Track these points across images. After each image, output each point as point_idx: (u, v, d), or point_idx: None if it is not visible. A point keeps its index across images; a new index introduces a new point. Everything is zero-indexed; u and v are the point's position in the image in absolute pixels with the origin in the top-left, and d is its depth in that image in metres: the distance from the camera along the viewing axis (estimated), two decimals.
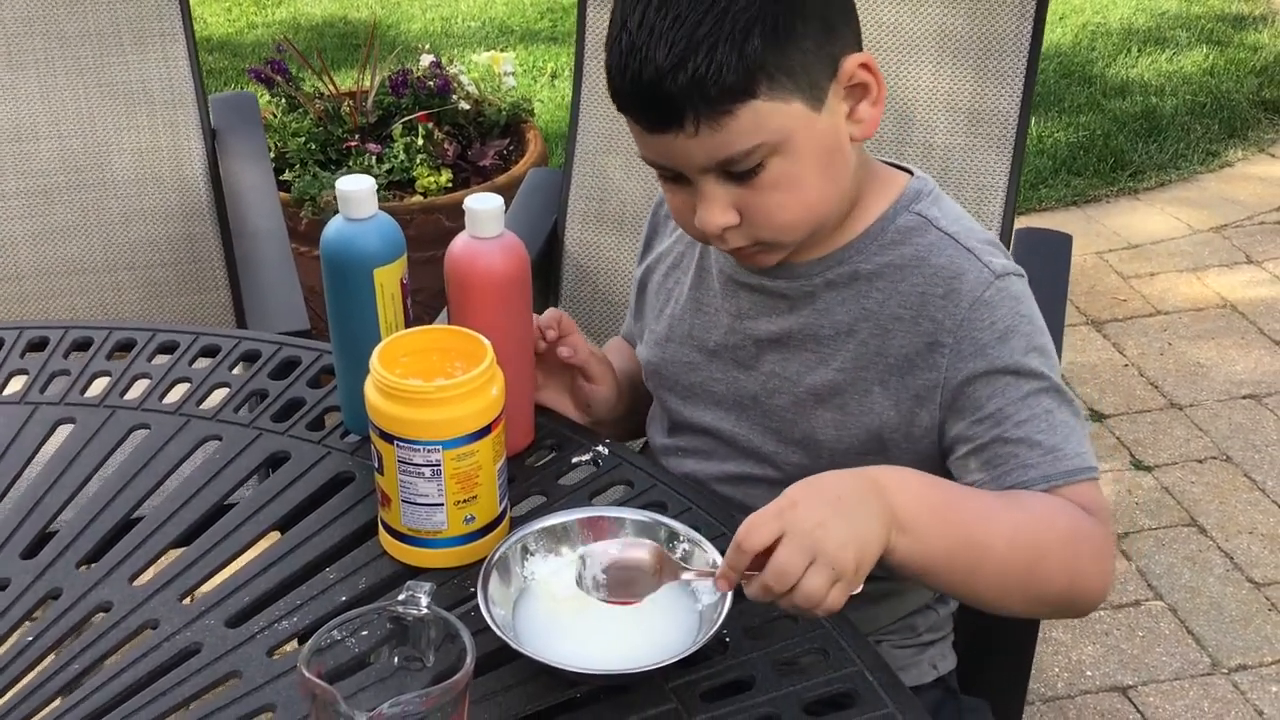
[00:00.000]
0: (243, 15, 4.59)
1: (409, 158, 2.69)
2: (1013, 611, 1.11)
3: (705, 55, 1.00)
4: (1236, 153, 3.64)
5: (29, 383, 1.34)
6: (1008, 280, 1.11)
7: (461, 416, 1.04)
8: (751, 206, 1.07)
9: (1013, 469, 1.07)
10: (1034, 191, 3.42)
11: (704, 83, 1.00)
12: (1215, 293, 3.05)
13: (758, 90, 1.02)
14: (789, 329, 1.17)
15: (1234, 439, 2.58)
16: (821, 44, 1.05)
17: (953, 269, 1.11)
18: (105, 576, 1.10)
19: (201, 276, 2.03)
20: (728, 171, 1.06)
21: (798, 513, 0.93)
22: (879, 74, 1.09)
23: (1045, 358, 1.10)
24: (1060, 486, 1.06)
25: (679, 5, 1.01)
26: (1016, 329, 1.09)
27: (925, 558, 0.99)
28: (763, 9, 1.01)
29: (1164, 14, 4.46)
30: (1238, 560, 2.29)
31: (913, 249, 1.13)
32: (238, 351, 1.38)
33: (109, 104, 1.99)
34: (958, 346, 1.09)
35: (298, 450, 1.23)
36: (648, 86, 1.02)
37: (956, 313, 1.09)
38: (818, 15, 1.05)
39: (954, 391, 1.10)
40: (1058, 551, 1.04)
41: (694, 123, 1.02)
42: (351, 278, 1.17)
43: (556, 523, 1.07)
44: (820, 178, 1.08)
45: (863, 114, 1.09)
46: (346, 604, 1.05)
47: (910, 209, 1.15)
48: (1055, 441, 1.07)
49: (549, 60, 4.15)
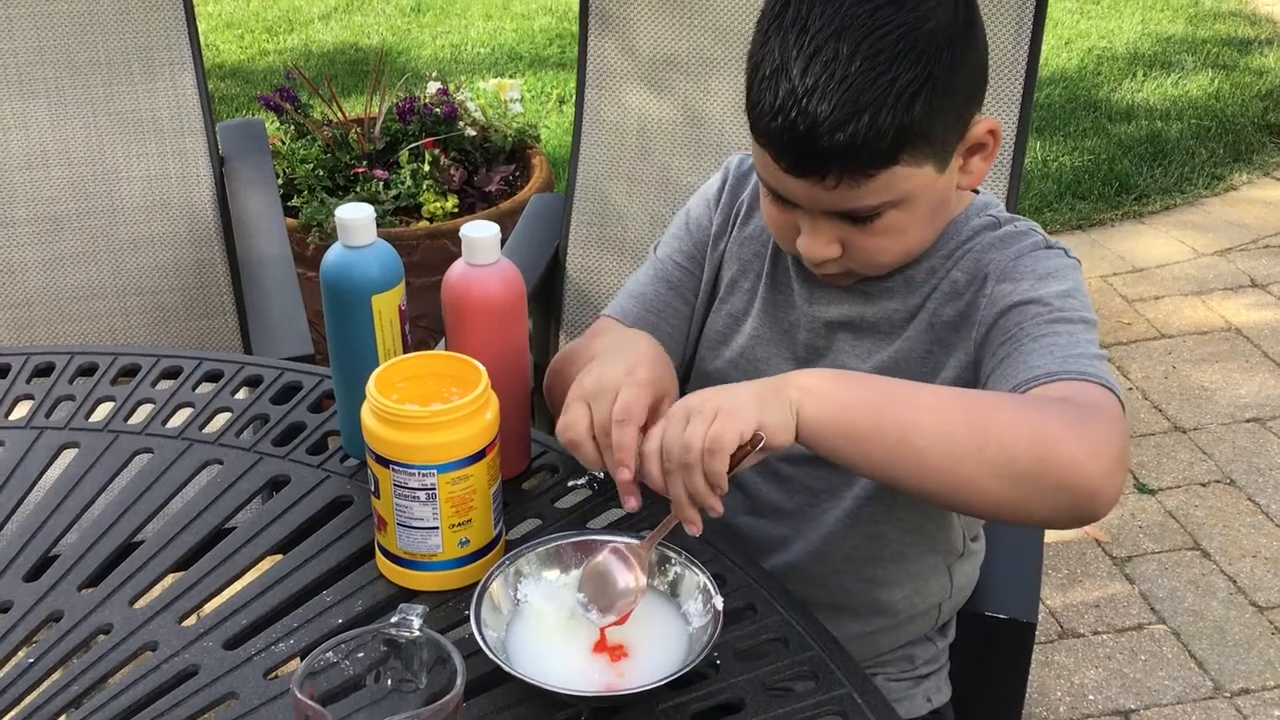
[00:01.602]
0: (255, 42, 4.64)
1: (416, 184, 2.71)
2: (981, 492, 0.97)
3: (868, 121, 1.01)
4: (1241, 176, 3.65)
5: (35, 407, 1.37)
6: (1060, 252, 1.13)
7: (456, 441, 1.05)
8: (856, 245, 1.11)
9: (1021, 370, 1.04)
10: (1039, 215, 3.44)
11: (859, 147, 1.02)
12: (1220, 316, 3.05)
13: (901, 157, 1.05)
14: (863, 315, 1.20)
15: (1238, 462, 2.58)
16: (961, 113, 1.08)
17: (1013, 239, 1.15)
18: (106, 599, 1.11)
19: (209, 301, 2.05)
20: (844, 214, 1.09)
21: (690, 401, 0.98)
22: (999, 138, 1.13)
23: (1084, 307, 1.08)
24: (1066, 381, 1.01)
25: (848, 66, 1.01)
26: (1059, 276, 1.10)
27: (843, 413, 0.97)
28: (928, 80, 1.02)
29: (1169, 38, 4.48)
30: (1241, 584, 2.29)
31: (983, 238, 1.17)
32: (240, 376, 1.40)
33: (119, 132, 2.02)
34: (999, 282, 1.12)
35: (298, 474, 1.25)
36: (802, 138, 1.03)
37: (1005, 258, 1.13)
38: (965, 88, 1.07)
39: (989, 325, 1.11)
40: (1006, 408, 0.98)
41: (835, 179, 1.05)
42: (350, 304, 1.19)
43: (550, 546, 1.08)
44: (925, 227, 1.13)
45: (973, 167, 1.14)
46: (343, 626, 1.06)
47: (981, 214, 1.19)
48: (1072, 353, 1.03)
49: (556, 86, 4.18)
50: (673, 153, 1.87)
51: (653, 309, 1.30)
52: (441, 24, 4.78)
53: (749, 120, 1.09)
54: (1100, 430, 0.96)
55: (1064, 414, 0.97)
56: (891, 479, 1.01)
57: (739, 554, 1.14)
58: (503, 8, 4.91)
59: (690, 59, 1.85)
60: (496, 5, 4.94)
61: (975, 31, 1.08)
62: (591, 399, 1.06)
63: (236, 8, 4.94)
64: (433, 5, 4.94)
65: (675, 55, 1.85)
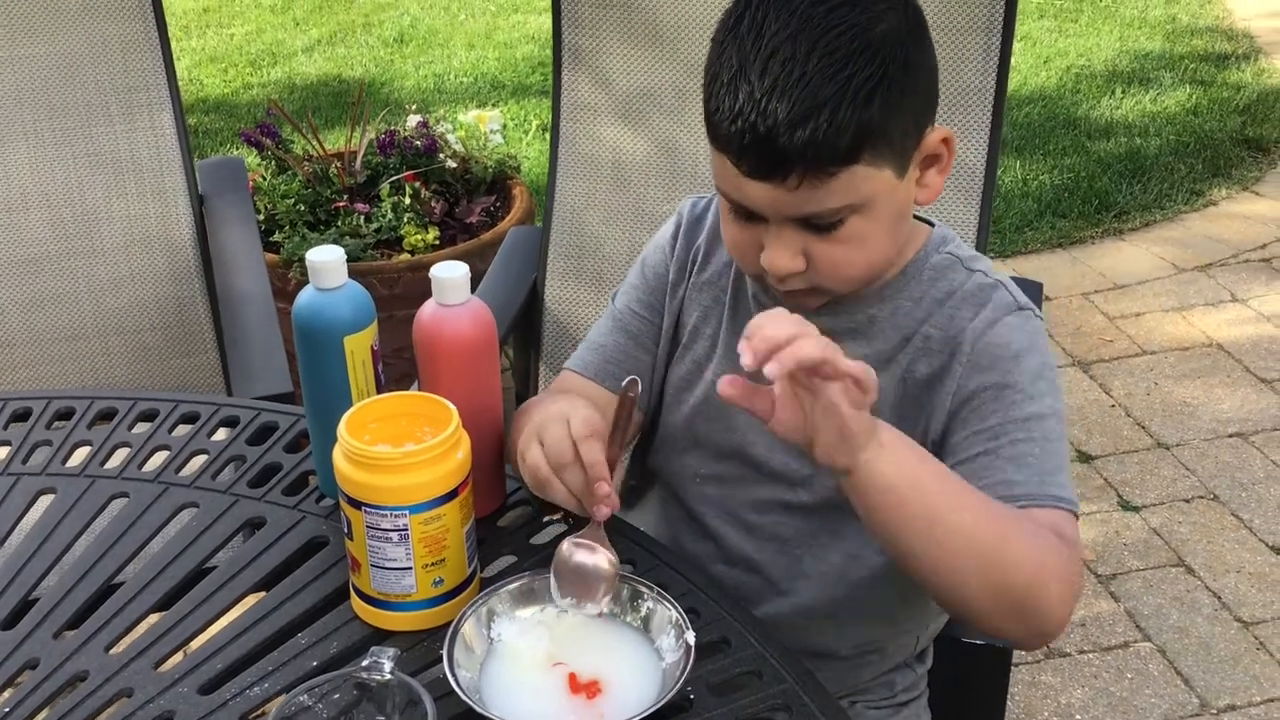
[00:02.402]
0: (238, 76, 4.66)
1: (397, 217, 2.73)
2: (965, 597, 1.04)
3: (827, 117, 1.02)
4: (1221, 191, 3.68)
5: (12, 453, 1.37)
6: (1028, 314, 1.16)
7: (427, 482, 1.06)
8: (820, 257, 1.11)
9: (999, 483, 1.09)
10: (1019, 234, 3.46)
11: (820, 143, 1.03)
12: (1201, 332, 3.07)
13: (862, 155, 1.05)
14: None
15: (1221, 478, 2.59)
16: (918, 116, 1.10)
17: (982, 296, 1.16)
18: (82, 645, 1.11)
19: (190, 339, 2.06)
20: (807, 222, 1.09)
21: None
22: (953, 148, 1.14)
23: (1053, 389, 1.13)
24: (1043, 508, 1.08)
25: (805, 63, 1.03)
26: (1030, 354, 1.13)
27: (893, 476, 1.00)
28: (884, 78, 1.04)
29: (1147, 55, 4.52)
30: (1226, 600, 2.30)
31: (947, 283, 1.18)
32: (217, 418, 1.41)
33: (98, 173, 2.03)
34: (974, 358, 1.13)
35: (273, 515, 1.25)
36: (763, 138, 1.04)
37: (979, 327, 1.14)
38: (921, 89, 1.09)
39: (963, 400, 1.13)
40: (1026, 542, 1.03)
41: (798, 178, 1.05)
42: (323, 346, 1.19)
43: (522, 584, 1.09)
44: (887, 238, 1.13)
45: (929, 181, 1.15)
46: (318, 669, 1.07)
47: (940, 250, 1.20)
48: (1047, 468, 1.09)
49: (539, 114, 4.20)
50: (648, 184, 1.88)
51: (612, 360, 1.30)
52: (424, 54, 4.80)
53: (708, 130, 1.10)
54: (1073, 575, 1.05)
55: (1059, 554, 1.04)
56: (895, 551, 1.04)
57: (714, 589, 1.15)
58: (485, 37, 4.94)
59: (663, 91, 1.86)
60: (479, 35, 4.96)
61: (924, 35, 1.10)
62: (541, 432, 1.09)
63: (220, 42, 4.96)
64: (415, 36, 4.96)
65: (649, 87, 1.87)
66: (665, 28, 1.84)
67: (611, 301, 1.35)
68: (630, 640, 1.06)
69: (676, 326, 1.30)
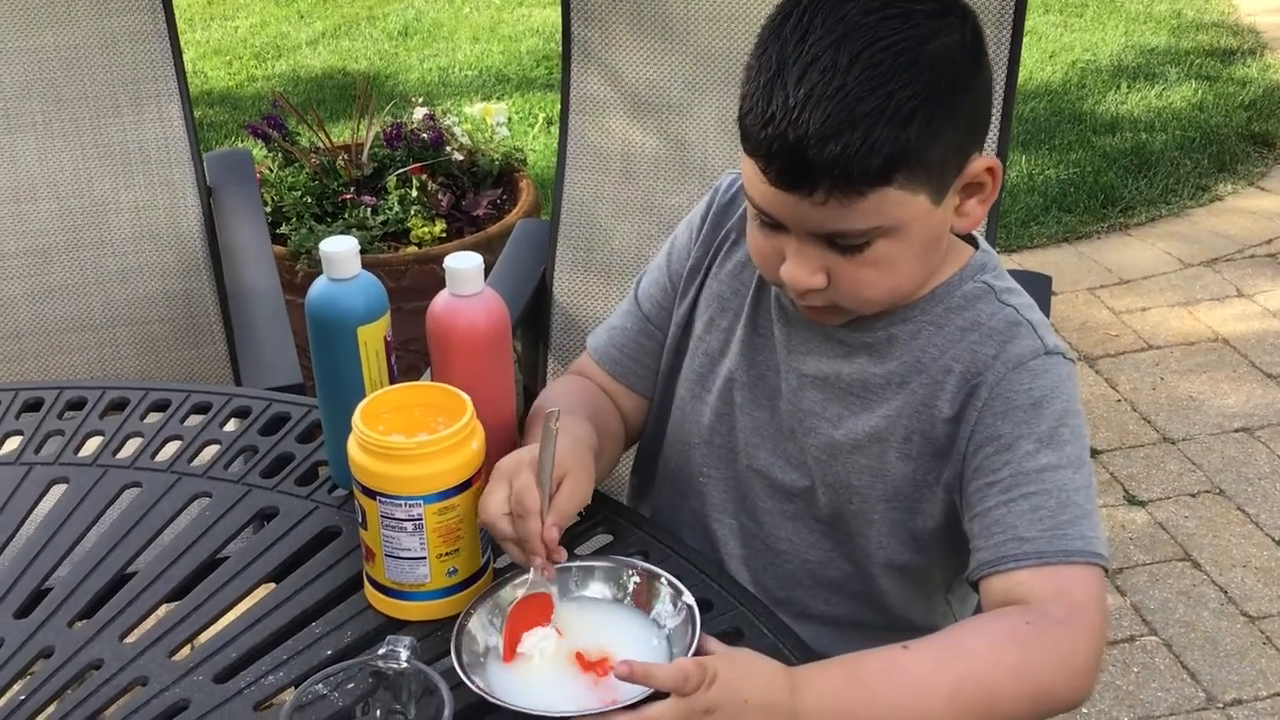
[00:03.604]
0: (243, 69, 4.66)
1: (403, 209, 2.73)
2: None
3: (862, 134, 0.98)
4: (1226, 187, 3.67)
5: (24, 443, 1.37)
6: (1056, 359, 1.11)
7: (442, 471, 1.06)
8: (843, 276, 1.07)
9: (1008, 540, 1.05)
10: (1025, 229, 3.45)
11: (851, 161, 0.98)
12: (1207, 326, 3.07)
13: (895, 178, 1.01)
14: (839, 372, 1.16)
15: (1226, 472, 2.59)
16: (962, 143, 1.05)
17: (1007, 333, 1.11)
18: (97, 634, 1.12)
19: (199, 331, 2.06)
20: (832, 240, 1.05)
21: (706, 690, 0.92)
22: (999, 178, 1.09)
23: (1075, 437, 1.08)
24: (1054, 565, 1.04)
25: (846, 76, 0.98)
26: (1051, 402, 1.08)
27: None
28: (926, 101, 0.99)
29: (1153, 50, 4.51)
30: (1232, 594, 2.30)
31: (974, 313, 1.13)
32: (229, 408, 1.41)
33: (106, 164, 2.03)
34: (990, 402, 1.09)
35: (286, 505, 1.26)
36: (791, 148, 0.99)
37: (999, 370, 1.10)
38: (967, 116, 1.05)
39: (976, 446, 1.10)
40: (1010, 685, 1.00)
41: (825, 194, 1.01)
42: (336, 336, 1.20)
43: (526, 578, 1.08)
44: (915, 264, 1.09)
45: (969, 210, 1.10)
46: (332, 658, 1.07)
47: (976, 278, 1.15)
48: (1062, 520, 1.05)
49: (544, 107, 4.20)
50: (657, 176, 1.88)
51: (617, 344, 1.31)
52: (429, 47, 4.80)
53: (740, 129, 1.06)
54: (1086, 651, 1.01)
55: (1059, 651, 1.00)
56: None
57: (725, 578, 1.15)
58: (490, 30, 4.93)
59: (672, 83, 1.86)
60: (484, 28, 4.96)
61: (981, 62, 1.06)
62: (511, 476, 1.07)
63: (224, 34, 4.96)
64: (420, 29, 4.96)
65: (657, 80, 1.87)
66: (675, 20, 1.84)
67: (637, 282, 1.33)
68: (625, 616, 1.07)
69: (691, 314, 1.27)
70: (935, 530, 1.16)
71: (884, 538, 1.18)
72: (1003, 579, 1.05)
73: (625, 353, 1.31)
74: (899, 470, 1.15)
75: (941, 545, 1.17)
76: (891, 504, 1.16)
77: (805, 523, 1.22)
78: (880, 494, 1.16)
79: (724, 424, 1.24)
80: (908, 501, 1.16)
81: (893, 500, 1.16)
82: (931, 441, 1.13)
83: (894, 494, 1.16)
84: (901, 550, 1.19)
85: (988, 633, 1.03)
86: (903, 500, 1.16)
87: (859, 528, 1.18)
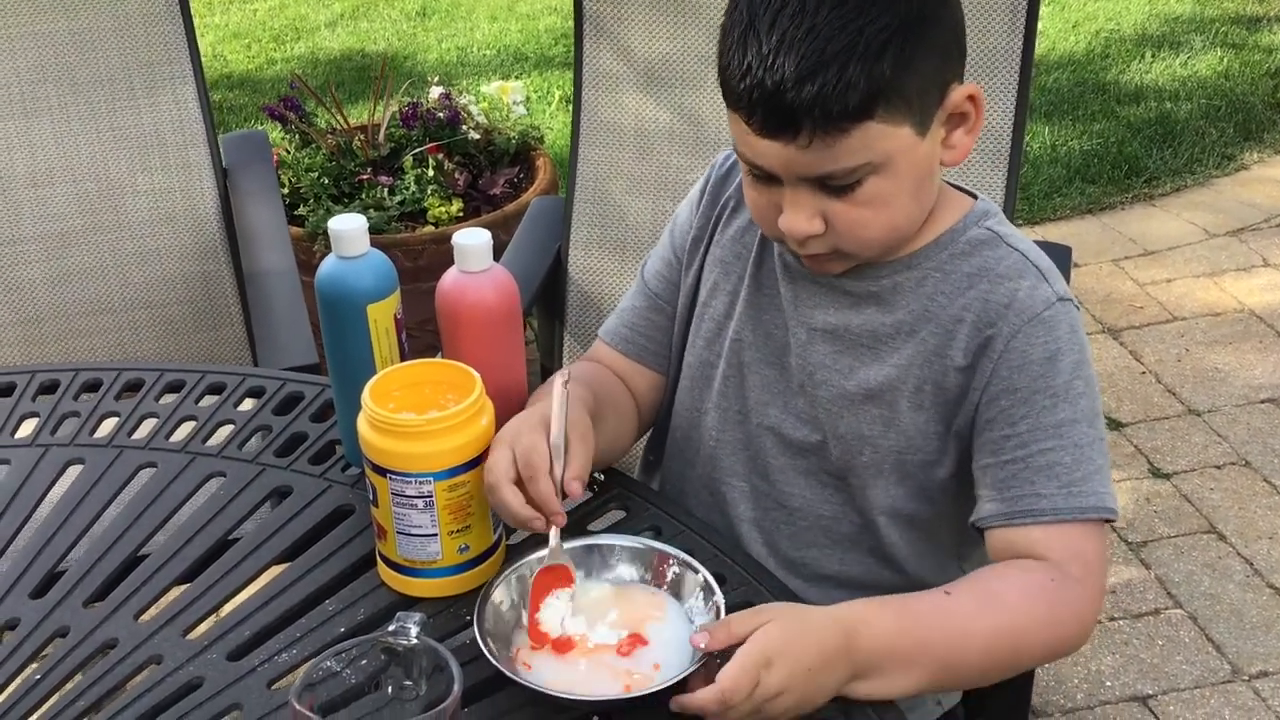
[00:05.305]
0: (262, 51, 4.66)
1: (420, 189, 2.72)
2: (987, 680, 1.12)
3: (836, 72, 1.00)
4: (1252, 155, 3.62)
5: (40, 425, 1.38)
6: (1067, 306, 1.12)
7: (452, 448, 1.06)
8: (839, 219, 1.08)
9: (1025, 495, 1.08)
10: (1048, 200, 3.42)
11: (829, 99, 1.00)
12: (1232, 297, 3.03)
13: (875, 112, 1.02)
14: (848, 324, 1.17)
15: (1253, 444, 2.57)
16: (939, 72, 1.07)
17: (1018, 282, 1.12)
18: (111, 614, 1.12)
19: (216, 313, 2.07)
20: (824, 183, 1.07)
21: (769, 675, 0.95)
22: (981, 106, 1.10)
23: (1089, 389, 1.10)
24: (1068, 522, 1.07)
25: (815, 17, 1.00)
26: (1066, 354, 1.10)
27: (892, 693, 1.02)
28: (897, 32, 1.01)
29: (1177, 18, 4.45)
30: (1258, 566, 2.28)
31: (981, 259, 1.14)
32: (243, 388, 1.41)
33: (122, 147, 2.03)
34: (1006, 356, 1.10)
35: (300, 484, 1.26)
36: (771, 94, 1.01)
37: (1014, 323, 1.11)
38: (940, 44, 1.06)
39: (991, 398, 1.11)
40: (1035, 639, 1.07)
41: (809, 135, 1.02)
42: (346, 314, 1.19)
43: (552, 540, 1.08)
44: (910, 200, 1.10)
45: (956, 141, 1.11)
46: (345, 635, 1.07)
47: (980, 224, 1.16)
48: (1076, 476, 1.08)
49: (562, 85, 4.19)
50: (672, 151, 1.87)
51: (630, 324, 1.32)
52: (447, 27, 4.79)
53: (721, 86, 1.08)
54: (1095, 608, 1.08)
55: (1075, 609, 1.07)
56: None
57: (739, 553, 1.15)
58: (508, 9, 4.92)
59: (686, 57, 1.85)
60: (501, 7, 4.94)
61: None
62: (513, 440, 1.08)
63: (243, 18, 4.96)
64: (438, 9, 4.95)
65: (671, 54, 1.85)
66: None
67: (642, 266, 1.34)
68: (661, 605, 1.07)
69: (698, 283, 1.28)
70: (945, 480, 1.18)
71: (893, 487, 1.19)
72: (1018, 532, 1.09)
73: (636, 330, 1.31)
74: (910, 419, 1.16)
75: (950, 496, 1.19)
76: (903, 454, 1.17)
77: (818, 477, 1.22)
78: (892, 444, 1.17)
79: (733, 385, 1.25)
80: (919, 451, 1.17)
81: (904, 450, 1.17)
82: (944, 391, 1.14)
83: (906, 443, 1.17)
84: (909, 500, 1.19)
85: (1020, 587, 1.07)
86: (914, 449, 1.17)
87: (870, 479, 1.19)
